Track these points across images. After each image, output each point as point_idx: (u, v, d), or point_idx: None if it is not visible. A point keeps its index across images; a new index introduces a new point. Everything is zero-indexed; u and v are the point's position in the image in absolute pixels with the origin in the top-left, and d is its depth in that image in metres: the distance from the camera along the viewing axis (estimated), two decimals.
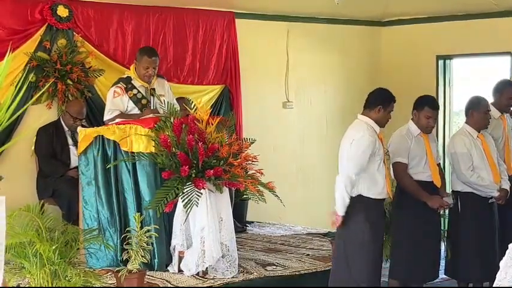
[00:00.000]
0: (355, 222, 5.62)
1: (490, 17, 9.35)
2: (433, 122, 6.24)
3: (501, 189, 6.56)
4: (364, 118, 5.73)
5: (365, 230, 5.62)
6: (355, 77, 10.12)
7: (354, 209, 5.60)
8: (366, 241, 5.63)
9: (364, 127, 5.65)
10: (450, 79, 10.07)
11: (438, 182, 6.23)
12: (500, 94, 7.01)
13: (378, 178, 5.66)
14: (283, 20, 9.49)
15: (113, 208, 6.40)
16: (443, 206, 6.21)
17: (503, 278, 2.91)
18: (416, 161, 6.15)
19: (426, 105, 6.18)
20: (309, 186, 9.62)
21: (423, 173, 6.18)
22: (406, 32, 10.23)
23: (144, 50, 7.18)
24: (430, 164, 6.19)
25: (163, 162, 6.01)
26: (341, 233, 5.74)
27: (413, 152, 6.14)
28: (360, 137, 5.57)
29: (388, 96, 5.85)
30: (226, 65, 8.92)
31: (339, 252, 5.79)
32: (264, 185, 6.26)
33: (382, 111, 5.72)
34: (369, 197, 5.63)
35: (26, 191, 7.29)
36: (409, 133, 6.19)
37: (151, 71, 6.99)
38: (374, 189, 5.64)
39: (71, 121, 7.43)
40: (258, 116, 9.22)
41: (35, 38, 7.55)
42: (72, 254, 5.04)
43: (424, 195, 6.10)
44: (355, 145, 5.56)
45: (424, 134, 6.21)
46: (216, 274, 6.11)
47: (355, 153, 5.55)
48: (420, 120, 6.17)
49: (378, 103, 5.74)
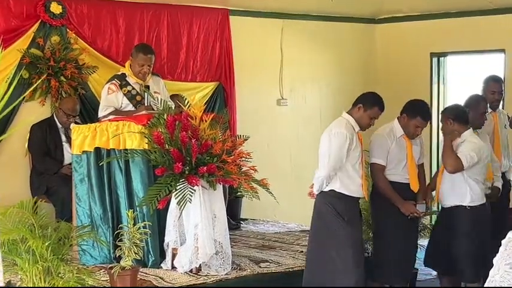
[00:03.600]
0: (327, 217, 5.72)
1: (484, 15, 9.36)
2: (420, 132, 6.11)
3: (493, 187, 6.57)
4: (346, 115, 5.80)
5: (339, 226, 5.68)
6: (349, 74, 10.13)
7: (327, 205, 5.72)
8: (340, 237, 5.68)
9: (343, 123, 5.71)
10: (444, 76, 10.08)
11: (416, 187, 6.07)
12: (485, 89, 7.09)
13: (353, 175, 5.70)
14: (277, 17, 9.49)
15: (106, 205, 6.39)
16: (414, 213, 5.99)
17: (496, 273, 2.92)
18: (395, 164, 6.02)
19: (419, 116, 6.01)
20: (303, 183, 9.50)
21: (401, 175, 6.05)
22: (401, 30, 10.25)
23: (140, 47, 7.18)
24: (409, 167, 6.03)
25: (157, 159, 6.00)
26: (315, 230, 5.84)
27: (393, 153, 6.00)
28: (336, 132, 5.65)
29: (372, 99, 5.83)
30: (220, 62, 8.92)
31: (314, 250, 5.86)
32: (258, 182, 6.26)
33: (362, 111, 5.73)
34: (341, 192, 5.70)
35: (19, 188, 7.28)
36: (392, 133, 6.04)
37: (147, 68, 6.99)
38: (348, 186, 5.70)
39: (64, 118, 7.42)
40: (252, 113, 9.22)
41: (28, 35, 7.52)
42: (65, 251, 5.04)
43: (397, 200, 5.95)
44: (332, 140, 5.63)
45: (406, 136, 6.06)
46: (209, 271, 6.11)
47: (333, 148, 5.61)
48: (408, 127, 6.02)
49: (359, 102, 5.78)
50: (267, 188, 6.32)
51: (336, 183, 5.70)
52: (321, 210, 5.80)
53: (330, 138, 5.66)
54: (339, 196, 5.71)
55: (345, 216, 5.69)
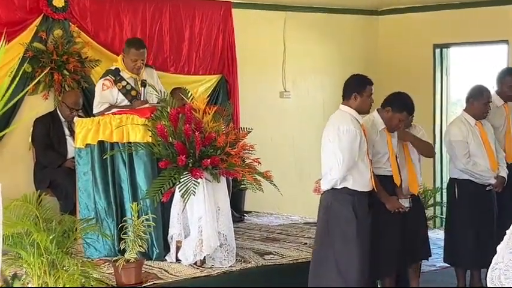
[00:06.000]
0: (340, 215, 5.60)
1: (487, 6, 9.33)
2: (403, 125, 6.07)
3: (498, 176, 6.57)
4: (346, 108, 5.68)
5: (351, 223, 5.58)
6: (352, 66, 10.06)
7: (340, 202, 5.60)
8: (352, 235, 5.58)
9: (347, 118, 5.59)
10: (447, 68, 10.06)
11: (398, 180, 6.03)
12: (501, 83, 7.02)
13: (363, 170, 5.63)
14: (280, 9, 9.48)
15: (110, 198, 6.38)
16: (399, 209, 5.94)
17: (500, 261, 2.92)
18: (379, 157, 5.96)
19: (405, 111, 5.96)
20: (306, 175, 9.59)
21: (384, 168, 5.99)
22: (403, 21, 10.23)
23: (132, 42, 7.14)
24: (391, 161, 5.99)
25: (160, 152, 6.00)
26: (325, 226, 5.69)
27: (378, 146, 5.95)
28: (344, 130, 5.51)
29: (360, 81, 5.75)
30: (223, 55, 8.91)
31: (321, 246, 5.74)
32: (261, 174, 6.25)
33: (359, 98, 5.65)
34: (355, 189, 5.60)
35: (23, 181, 7.30)
36: (374, 126, 5.97)
37: (140, 63, 6.96)
38: (360, 181, 5.61)
39: (67, 112, 7.42)
40: (255, 106, 9.22)
41: (31, 29, 7.54)
42: (70, 244, 5.05)
43: (383, 195, 5.90)
44: (343, 139, 5.50)
45: (387, 130, 6.01)
46: (213, 263, 6.11)
47: (345, 149, 5.48)
48: (392, 121, 5.95)
49: (352, 91, 5.67)
50: (271, 181, 6.31)
51: (349, 181, 5.57)
52: (332, 208, 5.64)
53: (340, 137, 5.51)
54: (351, 193, 5.60)
55: (358, 213, 5.59)
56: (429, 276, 7.28)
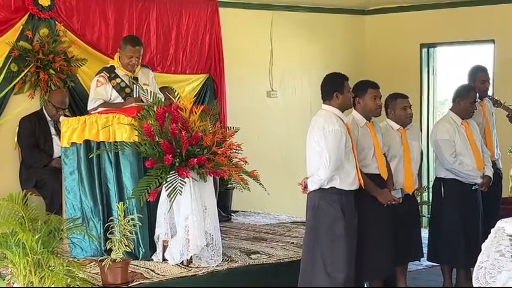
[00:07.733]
0: (328, 214, 5.59)
1: (474, 5, 9.38)
2: (380, 101, 6.03)
3: (484, 176, 6.59)
4: (329, 108, 5.69)
5: (339, 222, 5.58)
6: (339, 65, 10.00)
7: (327, 202, 5.59)
8: (339, 234, 5.57)
9: (332, 118, 5.60)
10: (434, 67, 10.09)
11: (385, 174, 6.02)
12: (474, 81, 7.08)
13: (349, 169, 5.62)
14: (267, 9, 9.49)
15: (96, 198, 6.36)
16: (391, 201, 5.93)
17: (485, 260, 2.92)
18: (365, 154, 5.94)
19: (369, 87, 5.97)
20: (294, 174, 9.56)
21: (371, 165, 5.97)
22: (390, 21, 10.25)
23: (128, 39, 7.17)
24: (377, 155, 5.98)
25: (147, 151, 5.98)
26: (313, 226, 5.68)
27: (361, 143, 5.92)
28: (330, 130, 5.51)
29: (337, 79, 5.76)
30: (210, 54, 8.91)
31: (310, 246, 5.72)
32: (248, 174, 6.25)
33: (341, 96, 5.67)
34: (342, 188, 5.60)
35: (8, 181, 7.27)
36: (355, 123, 5.96)
37: (135, 60, 6.98)
38: (346, 180, 5.60)
39: (53, 111, 7.39)
40: (242, 105, 9.21)
41: (16, 28, 7.50)
42: (55, 244, 5.01)
43: (375, 189, 5.89)
44: (329, 139, 5.49)
45: (370, 124, 6.00)
46: (200, 263, 6.11)
47: (332, 149, 5.48)
48: (367, 105, 5.95)
49: (332, 90, 5.70)
50: (258, 180, 6.31)
51: (336, 181, 5.57)
52: (319, 207, 5.62)
53: (326, 137, 5.50)
54: (339, 192, 5.60)
55: (345, 213, 5.59)
56: (416, 274, 7.29)
